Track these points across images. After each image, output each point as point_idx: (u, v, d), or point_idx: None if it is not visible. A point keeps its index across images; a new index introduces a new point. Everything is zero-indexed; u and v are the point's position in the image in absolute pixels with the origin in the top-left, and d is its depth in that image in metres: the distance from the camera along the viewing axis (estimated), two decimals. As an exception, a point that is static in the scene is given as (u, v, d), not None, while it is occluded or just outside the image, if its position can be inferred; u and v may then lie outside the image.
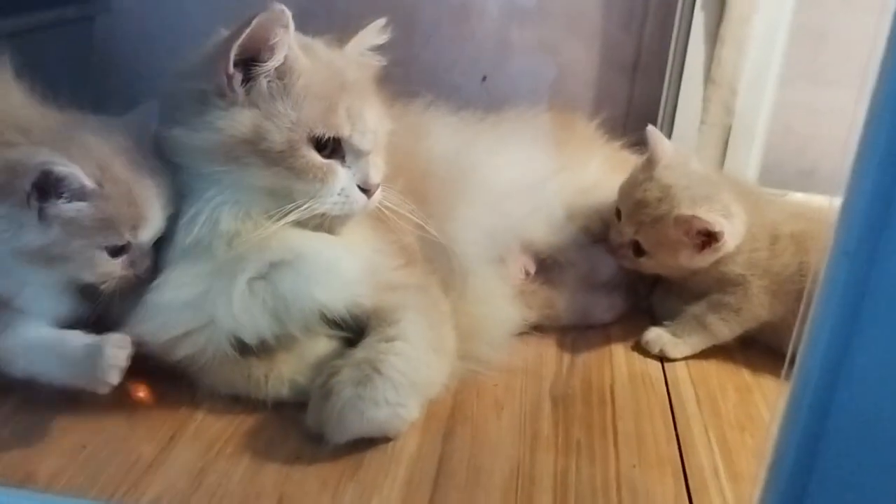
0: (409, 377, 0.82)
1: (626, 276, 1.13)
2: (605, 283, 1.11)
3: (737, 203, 1.02)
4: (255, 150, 0.81)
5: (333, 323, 0.90)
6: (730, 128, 1.70)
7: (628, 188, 1.07)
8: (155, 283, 0.83)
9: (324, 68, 0.86)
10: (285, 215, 0.83)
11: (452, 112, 1.16)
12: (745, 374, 1.02)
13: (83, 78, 1.82)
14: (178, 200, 0.84)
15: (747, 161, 1.72)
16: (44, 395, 0.82)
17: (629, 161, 1.27)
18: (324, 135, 0.83)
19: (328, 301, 0.87)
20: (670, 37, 1.72)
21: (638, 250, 1.05)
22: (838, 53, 1.65)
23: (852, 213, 0.47)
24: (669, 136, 1.74)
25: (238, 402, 0.88)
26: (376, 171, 0.89)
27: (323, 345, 0.90)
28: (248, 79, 0.81)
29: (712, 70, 1.67)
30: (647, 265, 1.06)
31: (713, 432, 0.89)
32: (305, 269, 0.86)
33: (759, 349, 1.05)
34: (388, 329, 0.86)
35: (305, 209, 0.84)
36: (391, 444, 0.83)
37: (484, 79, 1.95)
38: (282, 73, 0.82)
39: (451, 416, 0.89)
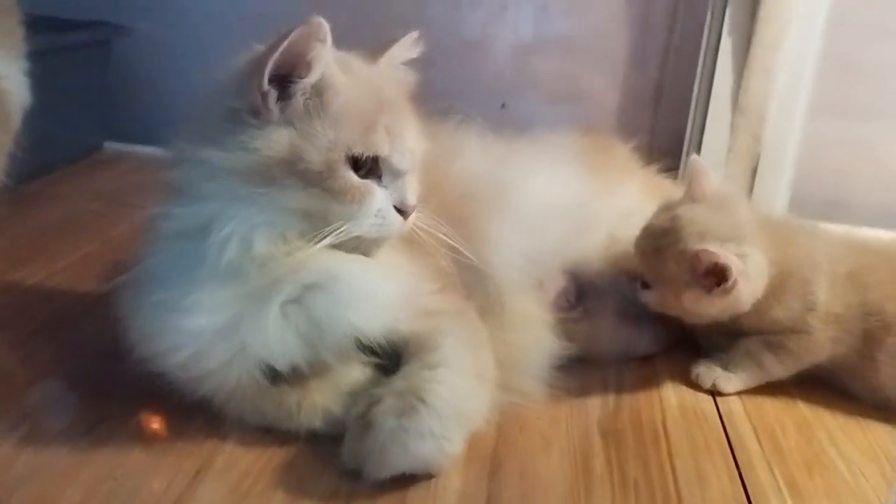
0: (454, 406, 0.76)
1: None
2: (650, 312, 1.05)
3: (760, 252, 0.92)
4: (292, 170, 0.76)
5: (368, 349, 0.84)
6: (758, 157, 1.66)
7: (651, 217, 1.00)
8: (183, 306, 0.77)
9: (361, 85, 0.82)
10: (322, 238, 0.78)
11: (486, 131, 1.12)
12: (802, 408, 0.96)
13: (99, 99, 1.78)
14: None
15: (776, 191, 1.68)
16: (60, 424, 0.76)
17: (666, 187, 1.23)
18: (362, 154, 0.79)
19: (364, 326, 0.81)
20: (696, 64, 1.69)
21: (644, 284, 0.98)
22: (868, 83, 1.62)
23: None
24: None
25: (268, 433, 0.82)
26: (413, 191, 0.84)
27: (357, 372, 0.84)
28: (283, 96, 0.76)
29: (740, 98, 1.64)
30: (652, 301, 0.98)
31: (779, 471, 0.83)
32: (341, 293, 0.81)
33: (813, 381, 0.99)
34: (429, 356, 0.80)
35: (342, 232, 0.79)
36: (434, 481, 0.77)
37: (503, 106, 1.92)
38: (319, 90, 0.77)
39: (495, 452, 0.83)
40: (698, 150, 1.70)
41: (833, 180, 1.71)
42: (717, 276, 0.89)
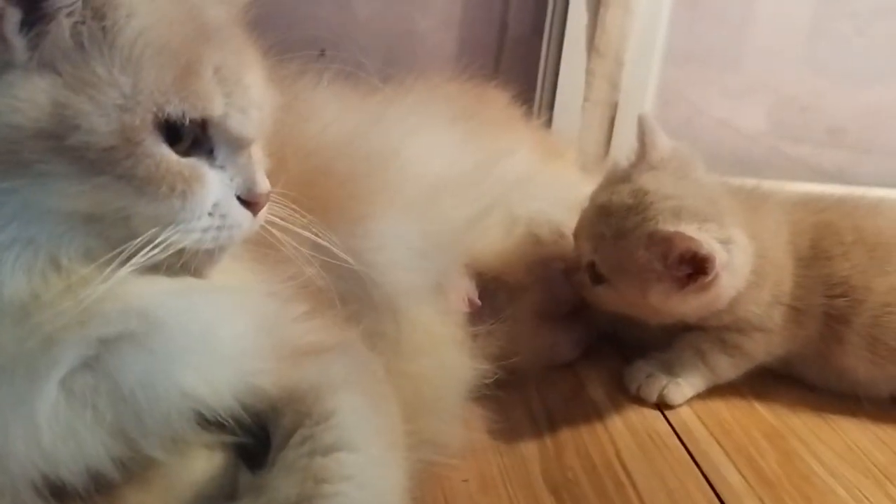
0: (371, 512, 0.49)
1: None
2: (567, 310, 0.83)
3: (744, 233, 0.73)
4: (60, 147, 0.44)
5: (216, 424, 0.54)
6: (616, 106, 1.49)
7: (597, 190, 0.79)
8: None
9: (169, 1, 0.50)
10: (124, 260, 0.47)
11: (339, 80, 0.83)
12: (762, 412, 0.80)
13: None
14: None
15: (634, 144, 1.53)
16: None
17: (559, 147, 1.02)
18: (182, 115, 0.48)
19: (205, 390, 0.51)
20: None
21: (596, 276, 0.77)
22: (717, 25, 1.51)
23: None
24: (550, 118, 1.50)
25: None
26: (263, 171, 0.55)
27: (202, 464, 0.54)
28: (34, 20, 0.45)
29: (596, 38, 1.46)
30: (605, 298, 0.77)
31: (780, 512, 0.64)
32: (163, 344, 0.50)
33: (758, 372, 0.83)
34: (319, 430, 0.52)
35: (158, 246, 0.48)
36: None
37: (322, 53, 1.61)
38: (98, 7, 0.46)
39: (421, 548, 0.57)
40: (551, 102, 1.50)
41: (684, 129, 1.59)
42: (693, 268, 0.68)
